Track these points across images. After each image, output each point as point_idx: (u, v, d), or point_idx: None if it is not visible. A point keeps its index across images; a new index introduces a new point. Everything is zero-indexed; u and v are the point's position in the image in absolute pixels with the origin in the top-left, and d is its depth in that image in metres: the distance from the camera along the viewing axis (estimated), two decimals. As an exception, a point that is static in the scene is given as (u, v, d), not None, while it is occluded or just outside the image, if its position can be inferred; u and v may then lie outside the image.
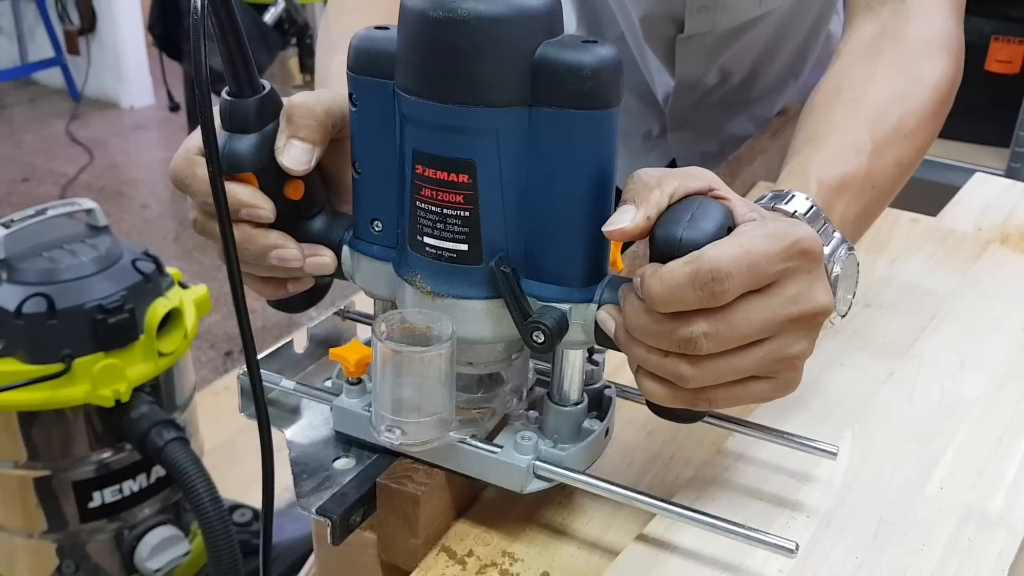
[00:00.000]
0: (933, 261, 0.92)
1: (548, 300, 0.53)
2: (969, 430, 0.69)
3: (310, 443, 0.63)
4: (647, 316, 0.49)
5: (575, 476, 0.56)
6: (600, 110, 0.50)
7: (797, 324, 0.49)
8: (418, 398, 0.54)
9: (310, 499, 0.57)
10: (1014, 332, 0.81)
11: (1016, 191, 1.09)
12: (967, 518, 0.60)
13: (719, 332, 0.48)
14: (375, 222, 0.57)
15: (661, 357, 0.50)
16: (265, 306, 2.58)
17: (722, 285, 0.47)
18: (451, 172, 0.51)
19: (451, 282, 0.54)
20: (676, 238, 0.49)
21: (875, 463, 0.65)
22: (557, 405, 0.58)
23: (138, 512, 1.54)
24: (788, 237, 0.49)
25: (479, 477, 0.57)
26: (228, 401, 2.35)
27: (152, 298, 1.47)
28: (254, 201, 0.56)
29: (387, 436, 0.55)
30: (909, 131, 0.68)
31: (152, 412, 1.45)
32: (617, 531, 0.60)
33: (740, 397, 0.51)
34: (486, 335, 0.55)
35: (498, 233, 0.52)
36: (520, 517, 0.60)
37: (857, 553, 0.57)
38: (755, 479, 0.63)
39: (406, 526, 0.57)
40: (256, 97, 0.55)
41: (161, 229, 3.33)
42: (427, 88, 0.50)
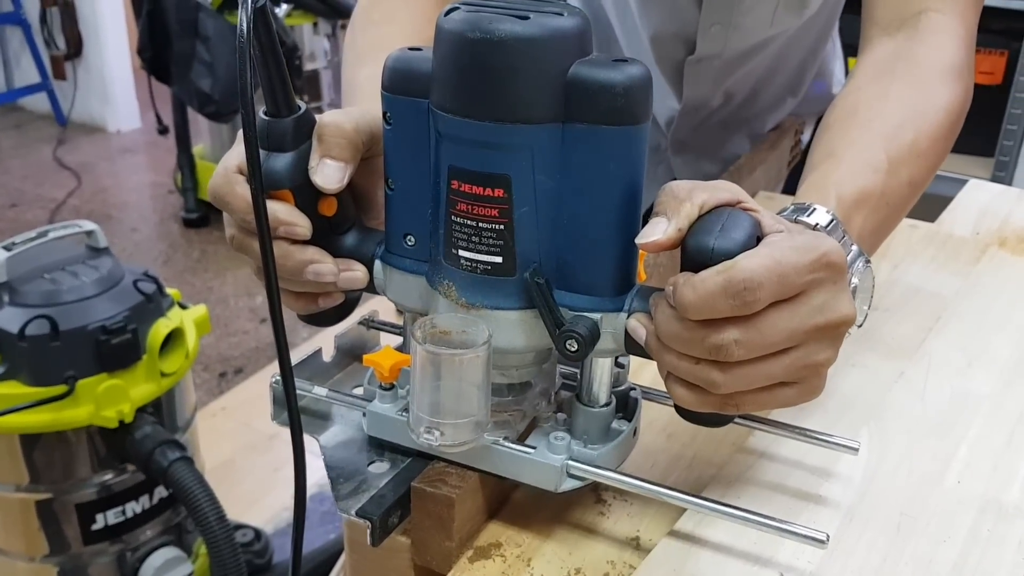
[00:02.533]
0: (935, 265, 0.94)
1: (580, 310, 0.55)
2: (981, 426, 0.70)
3: (343, 448, 0.64)
4: (679, 324, 0.51)
5: (608, 474, 0.58)
6: (631, 126, 0.51)
7: (822, 333, 0.51)
8: (455, 401, 0.55)
9: (349, 502, 0.58)
10: (1018, 331, 0.83)
11: (1010, 196, 1.11)
12: (985, 510, 0.62)
13: (749, 340, 0.49)
14: (408, 236, 0.58)
15: (692, 364, 0.51)
16: (258, 327, 2.57)
17: (754, 295, 0.48)
18: (487, 187, 0.53)
19: (485, 293, 0.55)
20: (708, 248, 0.50)
21: (893, 459, 0.66)
22: (586, 407, 0.59)
23: (140, 534, 1.53)
24: (816, 250, 0.50)
25: (514, 478, 0.58)
26: (225, 422, 2.35)
27: (154, 318, 1.47)
28: (292, 219, 0.57)
29: (426, 438, 0.56)
30: (922, 151, 0.70)
31: (156, 432, 1.45)
32: (646, 529, 0.61)
33: (767, 402, 0.53)
34: (519, 345, 0.57)
35: (531, 245, 0.54)
36: (549, 518, 0.62)
37: (881, 545, 0.59)
38: (777, 475, 0.64)
39: (441, 529, 0.58)
40: (293, 117, 0.57)
41: (151, 252, 3.33)
42: (464, 106, 0.52)
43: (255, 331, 2.82)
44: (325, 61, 3.30)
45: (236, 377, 2.58)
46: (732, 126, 1.16)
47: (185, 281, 3.09)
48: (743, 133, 1.18)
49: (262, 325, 2.85)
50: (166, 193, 3.77)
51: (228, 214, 0.59)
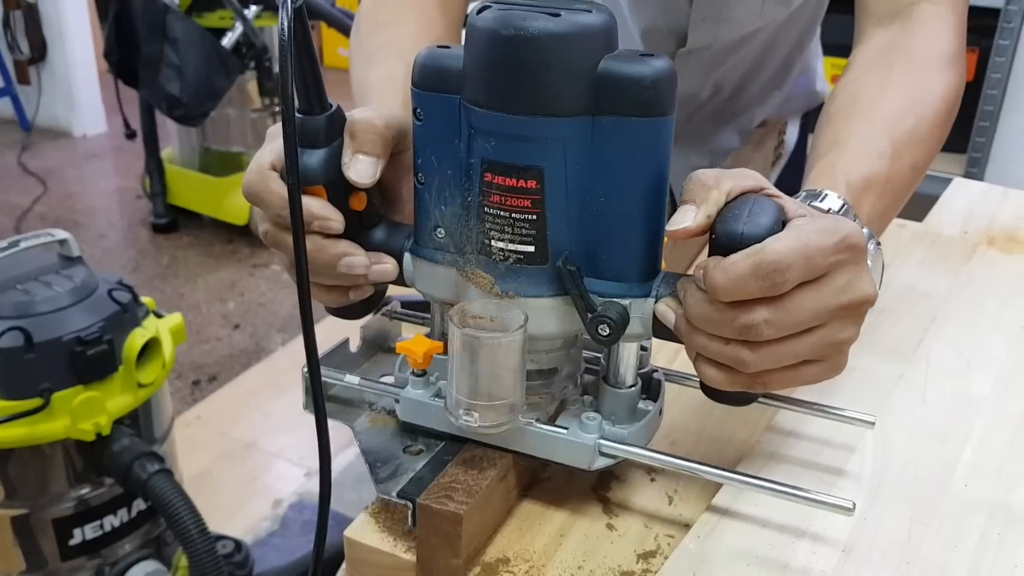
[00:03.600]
0: (926, 264, 0.94)
1: (609, 296, 0.57)
2: (983, 428, 0.70)
3: (376, 435, 0.65)
4: (709, 306, 0.52)
5: (639, 451, 0.60)
6: (659, 117, 0.53)
7: (846, 312, 0.53)
8: (492, 383, 0.57)
9: (388, 484, 0.60)
10: (1013, 331, 0.83)
11: (995, 194, 1.12)
12: (993, 514, 0.61)
13: (778, 319, 0.51)
14: (438, 229, 0.60)
15: (723, 344, 0.53)
16: (231, 334, 2.53)
17: (783, 276, 0.50)
18: (520, 179, 0.54)
19: (518, 282, 0.57)
20: (738, 233, 0.52)
21: (899, 463, 0.66)
22: (614, 388, 0.61)
23: (119, 548, 1.51)
24: (839, 232, 0.52)
25: (547, 457, 0.60)
26: (201, 431, 2.32)
27: (130, 328, 1.44)
28: (326, 213, 0.59)
29: (465, 420, 0.57)
30: (922, 136, 0.72)
31: (134, 445, 1.43)
32: (657, 538, 0.60)
33: (793, 379, 0.55)
34: (551, 330, 0.59)
35: (562, 234, 0.56)
36: (557, 531, 0.61)
37: (894, 552, 0.58)
38: (789, 475, 0.64)
39: (448, 546, 0.57)
40: (326, 114, 0.58)
41: (120, 259, 3.28)
42: (498, 101, 0.54)
43: (228, 338, 2.78)
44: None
45: (210, 385, 2.54)
46: (721, 119, 1.17)
47: (155, 288, 3.05)
48: (732, 126, 1.18)
49: (235, 332, 2.81)
50: (134, 198, 3.72)
51: (262, 210, 0.60)
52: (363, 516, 0.62)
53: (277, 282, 3.11)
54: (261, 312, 2.93)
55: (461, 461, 0.60)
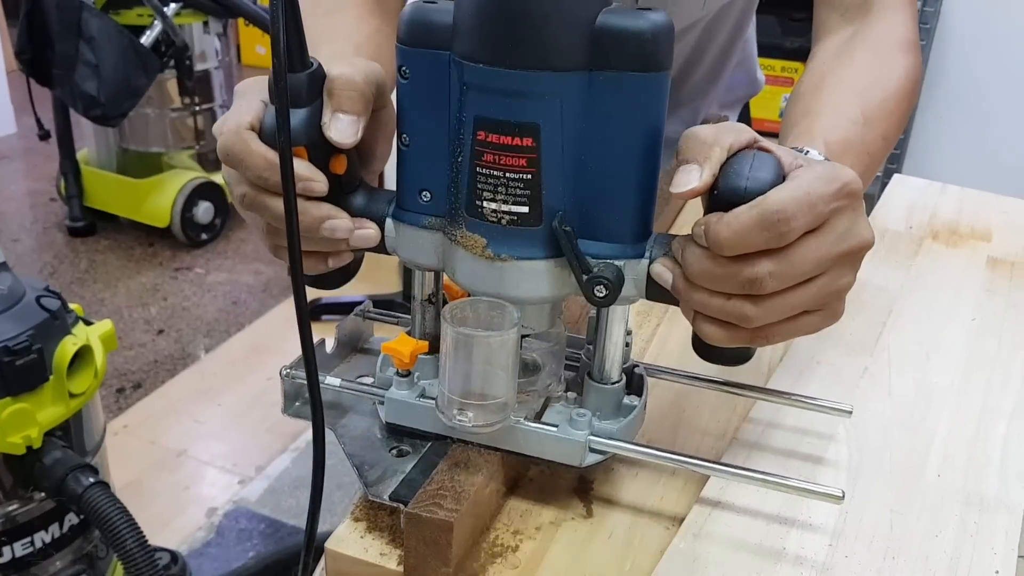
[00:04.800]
0: (877, 259, 0.96)
1: (603, 257, 0.56)
2: (949, 418, 0.72)
3: (360, 436, 0.63)
4: (711, 261, 0.52)
5: (628, 446, 0.60)
6: (657, 72, 0.52)
7: (845, 258, 0.53)
8: (486, 382, 0.56)
9: (379, 487, 0.58)
10: (965, 322, 0.86)
11: (934, 190, 1.15)
12: (968, 503, 0.63)
13: (782, 271, 0.50)
14: (423, 192, 0.58)
15: (724, 300, 0.52)
16: (155, 339, 2.45)
17: (787, 225, 0.49)
18: (515, 136, 0.53)
19: (511, 244, 0.56)
20: (741, 188, 0.51)
21: (873, 456, 0.67)
22: (599, 384, 0.61)
23: (50, 565, 1.45)
24: (839, 179, 0.51)
25: (538, 455, 0.60)
26: (129, 440, 2.24)
27: (60, 336, 1.39)
28: (310, 174, 0.56)
29: (459, 419, 0.57)
30: (890, 109, 0.74)
31: (67, 457, 1.37)
32: (640, 538, 0.60)
33: (794, 330, 0.54)
34: (543, 294, 0.57)
35: (557, 194, 0.54)
36: (543, 536, 0.60)
37: (879, 544, 0.59)
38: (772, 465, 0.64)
39: (437, 555, 0.55)
40: (307, 72, 0.56)
41: (35, 264, 3.15)
42: (493, 55, 0.52)
43: (152, 344, 2.70)
44: (216, 61, 3.19)
45: (135, 393, 2.46)
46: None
47: (74, 293, 2.94)
48: (675, 117, 1.20)
49: (159, 337, 2.73)
50: (47, 201, 3.58)
51: (240, 172, 0.57)
52: (344, 526, 0.60)
53: (200, 286, 3.03)
54: (185, 316, 2.85)
55: (447, 467, 0.59)
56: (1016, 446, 0.69)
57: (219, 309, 2.89)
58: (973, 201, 1.12)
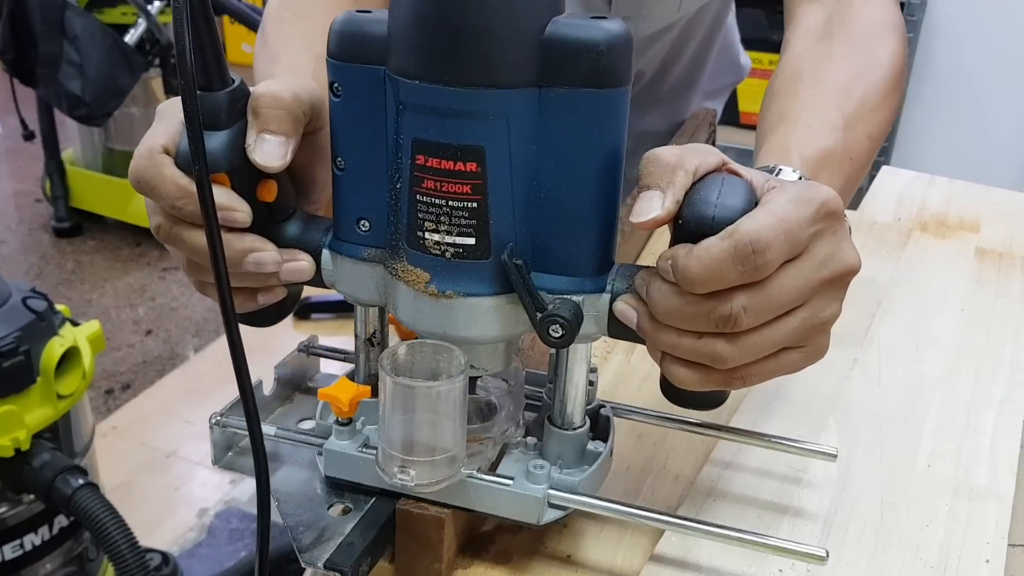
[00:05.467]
0: (866, 251, 0.95)
1: (560, 292, 0.50)
2: (939, 408, 0.72)
3: (297, 492, 0.57)
4: (679, 299, 0.47)
5: (591, 502, 0.54)
6: (614, 88, 0.47)
7: (829, 286, 0.48)
8: (430, 436, 0.51)
9: (314, 552, 0.52)
10: (954, 313, 0.86)
11: (922, 181, 1.15)
12: (958, 492, 0.63)
13: (759, 305, 0.46)
14: (362, 221, 0.53)
15: (695, 339, 0.47)
16: (143, 340, 2.44)
17: (764, 257, 0.44)
18: (458, 161, 0.48)
19: (456, 279, 0.50)
20: (709, 217, 0.46)
21: (863, 447, 0.67)
22: (560, 429, 0.56)
23: (40, 568, 1.44)
24: (815, 200, 0.47)
25: (492, 512, 0.55)
26: (118, 442, 2.23)
27: (47, 338, 1.38)
28: (230, 203, 0.51)
29: (400, 478, 0.51)
30: (874, 105, 0.69)
31: (56, 459, 1.36)
32: (626, 552, 0.58)
33: (774, 371, 0.49)
34: (494, 333, 0.52)
35: (507, 224, 0.49)
36: (525, 549, 0.58)
37: (870, 534, 0.59)
38: (753, 478, 0.64)
39: (429, 551, 0.55)
40: (227, 90, 0.50)
41: (21, 265, 3.14)
42: (431, 71, 0.46)
43: (140, 344, 2.69)
44: (202, 60, 3.17)
45: (124, 394, 2.45)
46: (644, 104, 1.17)
47: (60, 295, 2.93)
48: (656, 111, 1.19)
49: (147, 338, 2.72)
50: (33, 202, 3.56)
51: (153, 200, 0.52)
52: (335, 524, 0.59)
53: (188, 286, 3.01)
54: (174, 316, 2.84)
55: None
56: (1005, 436, 0.69)
57: (207, 309, 2.88)
58: (961, 192, 1.12)
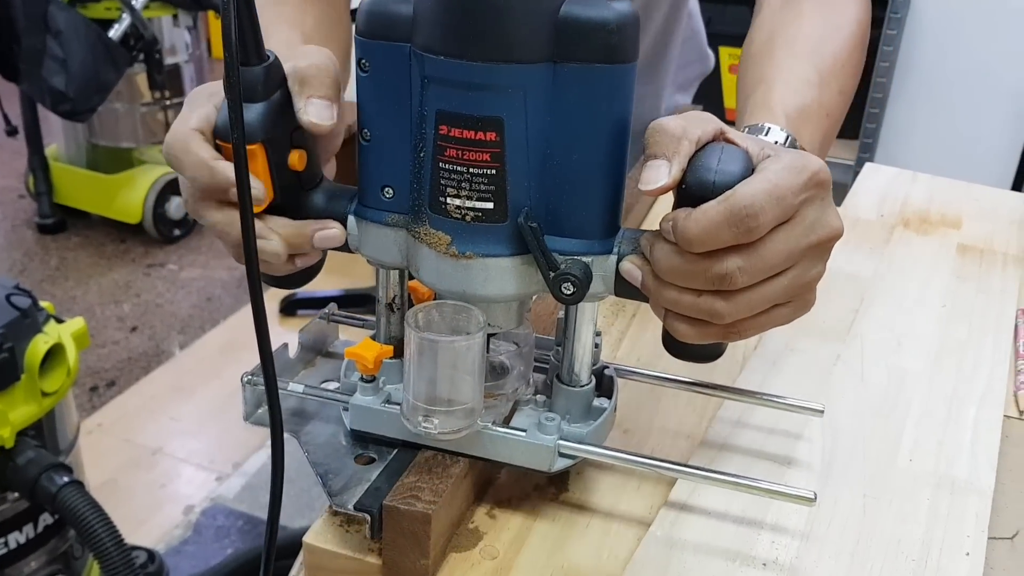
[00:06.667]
0: (850, 247, 0.97)
1: (570, 254, 0.55)
2: (920, 403, 0.73)
3: (325, 444, 0.62)
4: (680, 258, 0.51)
5: (599, 451, 0.59)
6: (622, 64, 0.51)
7: (815, 249, 0.52)
8: (451, 388, 0.55)
9: (344, 496, 0.57)
10: (935, 309, 0.86)
11: (905, 178, 1.16)
12: (939, 486, 0.64)
13: (752, 265, 0.50)
14: (386, 189, 0.57)
15: (695, 297, 0.51)
16: (128, 337, 2.42)
17: (756, 220, 0.48)
18: (478, 131, 0.52)
19: (475, 241, 0.54)
20: (710, 182, 0.50)
21: (847, 441, 0.68)
22: (568, 387, 0.60)
23: (24, 566, 1.44)
24: (807, 169, 0.51)
25: (506, 461, 0.59)
26: (103, 439, 2.23)
27: (31, 335, 1.37)
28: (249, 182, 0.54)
29: (424, 427, 0.56)
30: (844, 61, 0.73)
31: (40, 457, 1.36)
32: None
33: (767, 324, 0.54)
34: (510, 292, 0.56)
35: (523, 190, 0.53)
36: (520, 524, 0.60)
37: (852, 528, 0.59)
38: (739, 468, 0.65)
39: (416, 547, 0.55)
40: (263, 65, 0.54)
41: (5, 262, 3.11)
42: (455, 47, 0.51)
43: (125, 341, 2.68)
44: (187, 55, 3.16)
45: (109, 391, 2.44)
46: None
47: (45, 291, 2.91)
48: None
49: (132, 334, 2.71)
50: (16, 198, 3.54)
51: (185, 179, 0.56)
52: (322, 520, 0.60)
53: (174, 282, 3.01)
54: (159, 313, 2.83)
55: (423, 461, 0.59)
56: (986, 430, 0.70)
57: (193, 305, 2.87)
58: (943, 189, 1.13)
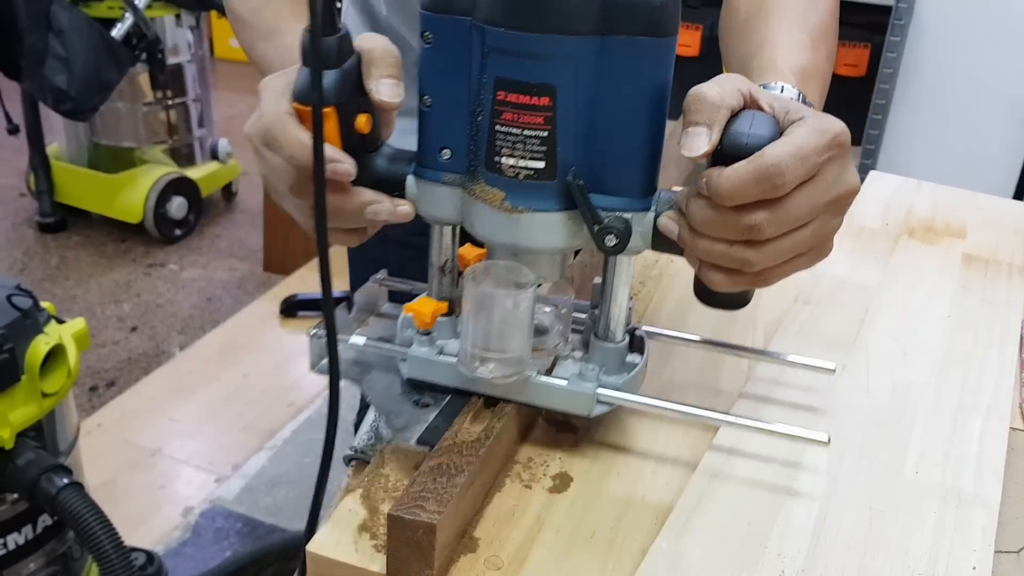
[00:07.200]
0: (854, 257, 0.97)
1: (612, 210, 0.60)
2: (926, 415, 0.72)
3: (385, 390, 0.68)
4: (713, 211, 0.56)
5: (635, 398, 0.65)
6: (665, 37, 0.56)
7: (835, 204, 0.57)
8: (504, 338, 0.62)
9: (406, 433, 0.64)
10: (940, 320, 0.86)
11: (909, 187, 1.16)
12: (946, 499, 0.63)
13: (778, 218, 0.55)
14: (444, 151, 0.62)
15: (727, 247, 0.56)
16: (128, 337, 2.41)
17: (782, 178, 0.53)
18: (533, 96, 0.57)
19: (527, 197, 0.60)
20: (743, 144, 0.55)
21: (852, 453, 0.67)
22: (604, 343, 0.66)
23: (23, 568, 1.43)
24: (830, 131, 0.55)
25: (550, 407, 0.66)
26: (103, 439, 2.22)
27: (32, 336, 1.37)
28: (339, 156, 0.59)
29: (480, 371, 0.63)
30: (826, 30, 0.80)
31: (40, 458, 1.35)
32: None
33: (789, 271, 0.59)
34: (558, 244, 0.62)
35: (571, 151, 0.59)
36: (530, 524, 0.60)
37: (858, 541, 0.59)
38: (748, 470, 0.64)
39: (421, 557, 0.55)
40: (336, 36, 0.59)
41: (5, 261, 3.11)
42: (514, 20, 0.56)
43: (125, 341, 2.68)
44: (189, 55, 3.15)
45: (109, 391, 2.44)
46: None
47: (45, 291, 2.91)
48: None
49: (132, 335, 2.71)
50: (17, 196, 3.54)
51: (278, 155, 0.60)
52: (326, 528, 0.59)
53: (175, 282, 3.01)
54: (159, 313, 2.83)
55: (428, 469, 0.59)
56: (992, 442, 0.70)
57: (193, 306, 2.87)
58: (948, 198, 1.13)
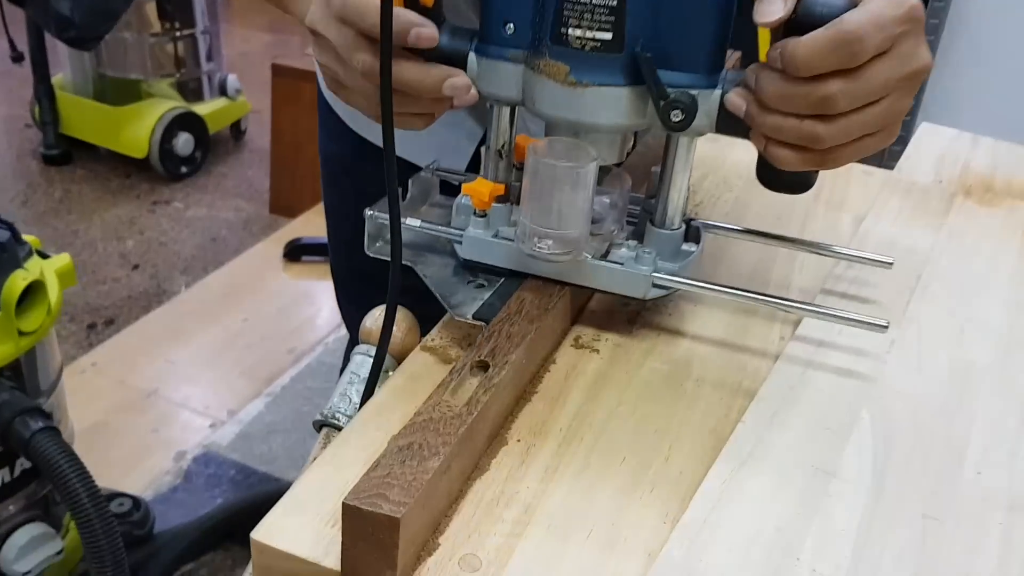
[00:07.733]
0: (904, 217, 0.86)
1: (678, 86, 0.58)
2: (988, 403, 0.62)
3: (440, 271, 0.68)
4: (785, 83, 0.54)
5: (690, 282, 0.64)
6: None
7: (908, 81, 0.54)
8: (564, 214, 0.60)
9: (462, 308, 0.63)
10: (1003, 292, 0.75)
11: (964, 141, 1.04)
12: (1014, 507, 0.53)
13: (853, 90, 0.53)
14: (508, 24, 0.60)
15: (797, 122, 0.55)
16: (129, 274, 2.32)
17: (860, 45, 0.51)
18: None
19: (592, 70, 0.58)
20: (818, 13, 0.53)
21: (902, 447, 0.57)
22: (661, 229, 0.66)
23: (2, 511, 1.37)
24: (906, 3, 0.53)
25: (605, 289, 0.65)
26: (96, 379, 2.15)
27: (9, 270, 1.29)
28: (421, 20, 0.58)
29: (538, 247, 0.61)
30: None
31: (15, 399, 1.29)
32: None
33: (859, 151, 0.57)
34: (621, 121, 0.60)
35: (639, 23, 0.57)
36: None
37: (909, 557, 0.49)
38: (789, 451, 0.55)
39: (382, 557, 0.46)
40: None
41: (7, 192, 3.03)
42: None
43: (126, 279, 2.60)
44: (198, -15, 3.03)
45: (107, 329, 2.36)
46: None
47: (47, 224, 2.83)
48: None
49: (134, 272, 2.62)
50: (22, 127, 3.44)
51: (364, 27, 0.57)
52: (274, 513, 0.50)
53: (179, 220, 2.92)
54: (162, 252, 2.75)
55: (397, 449, 0.49)
56: (1065, 439, 0.59)
57: (197, 245, 2.78)
58: (1008, 155, 1.01)
